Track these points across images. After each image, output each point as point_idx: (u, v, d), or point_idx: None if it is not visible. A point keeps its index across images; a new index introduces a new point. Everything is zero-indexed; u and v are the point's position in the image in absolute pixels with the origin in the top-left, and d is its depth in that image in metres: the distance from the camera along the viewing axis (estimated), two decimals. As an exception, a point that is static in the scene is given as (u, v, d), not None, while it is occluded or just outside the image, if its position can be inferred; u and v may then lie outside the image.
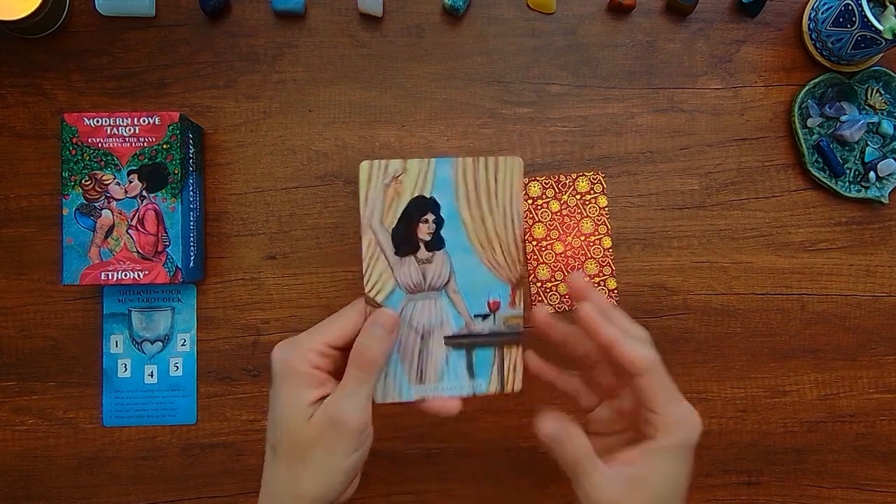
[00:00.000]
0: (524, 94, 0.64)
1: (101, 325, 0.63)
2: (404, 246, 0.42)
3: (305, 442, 0.41)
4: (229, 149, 0.64)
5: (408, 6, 0.64)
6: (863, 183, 0.65)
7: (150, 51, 0.63)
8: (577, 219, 0.64)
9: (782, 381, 0.65)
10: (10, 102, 0.63)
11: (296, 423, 0.41)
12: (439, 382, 0.44)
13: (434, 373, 0.44)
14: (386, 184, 0.41)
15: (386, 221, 0.41)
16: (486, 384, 0.46)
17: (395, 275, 0.42)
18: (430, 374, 0.44)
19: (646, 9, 0.65)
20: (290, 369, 0.41)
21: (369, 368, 0.41)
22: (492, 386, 0.46)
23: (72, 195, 0.57)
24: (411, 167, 0.41)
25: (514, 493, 0.64)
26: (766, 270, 0.65)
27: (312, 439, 0.40)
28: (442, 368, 0.44)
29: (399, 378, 0.44)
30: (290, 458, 0.41)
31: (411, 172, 0.41)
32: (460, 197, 0.42)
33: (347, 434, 0.40)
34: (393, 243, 0.42)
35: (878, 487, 0.65)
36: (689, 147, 0.65)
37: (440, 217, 0.42)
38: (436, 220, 0.42)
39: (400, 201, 0.41)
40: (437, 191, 0.41)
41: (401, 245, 0.42)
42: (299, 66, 0.64)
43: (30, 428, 0.63)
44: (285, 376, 0.42)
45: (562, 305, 0.64)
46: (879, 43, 0.58)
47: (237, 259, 0.63)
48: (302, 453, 0.41)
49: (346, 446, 0.41)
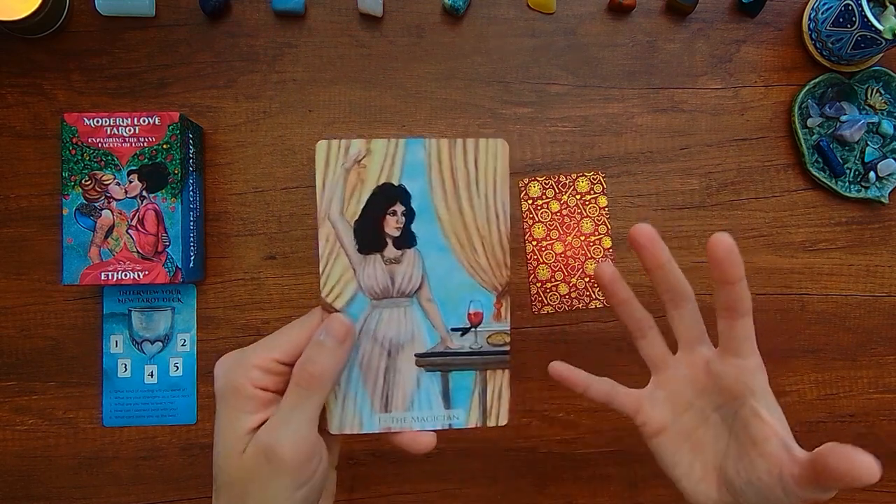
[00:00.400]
0: (524, 94, 0.64)
1: (101, 325, 0.63)
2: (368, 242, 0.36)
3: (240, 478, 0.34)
4: (229, 149, 0.64)
5: (408, 6, 0.64)
6: (863, 183, 0.65)
7: (150, 51, 0.63)
8: (577, 219, 0.64)
9: (782, 381, 0.65)
10: (10, 102, 0.63)
11: (230, 456, 0.35)
12: (408, 411, 0.37)
13: (402, 399, 0.37)
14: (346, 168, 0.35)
15: (347, 212, 0.35)
16: (465, 415, 0.39)
17: (357, 276, 0.36)
18: (397, 401, 0.37)
19: (646, 9, 0.65)
20: (232, 388, 0.35)
21: (312, 386, 0.34)
22: (471, 418, 0.39)
23: (72, 195, 0.57)
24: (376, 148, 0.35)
25: (514, 493, 0.64)
26: (766, 270, 0.65)
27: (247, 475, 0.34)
28: (412, 394, 0.37)
29: (360, 404, 0.37)
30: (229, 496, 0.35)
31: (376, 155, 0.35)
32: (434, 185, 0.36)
33: (285, 468, 0.33)
34: (355, 238, 0.36)
35: (878, 487, 0.65)
36: (689, 147, 0.65)
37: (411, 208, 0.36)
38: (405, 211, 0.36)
39: (363, 189, 0.35)
40: (408, 177, 0.35)
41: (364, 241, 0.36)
42: (299, 66, 0.64)
43: (30, 428, 0.63)
44: (226, 397, 0.36)
45: (562, 305, 0.64)
46: (879, 43, 0.58)
47: (237, 259, 0.63)
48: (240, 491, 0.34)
49: (286, 482, 0.34)
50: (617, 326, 0.64)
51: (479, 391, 0.38)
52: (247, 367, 0.35)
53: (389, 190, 0.36)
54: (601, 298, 0.64)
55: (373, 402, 0.37)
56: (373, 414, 0.37)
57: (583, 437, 0.64)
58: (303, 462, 0.34)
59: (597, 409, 0.64)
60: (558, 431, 0.64)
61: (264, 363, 0.36)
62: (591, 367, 0.64)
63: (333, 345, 0.35)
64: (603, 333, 0.64)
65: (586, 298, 0.64)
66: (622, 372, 0.64)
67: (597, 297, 0.64)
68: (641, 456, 0.64)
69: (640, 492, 0.64)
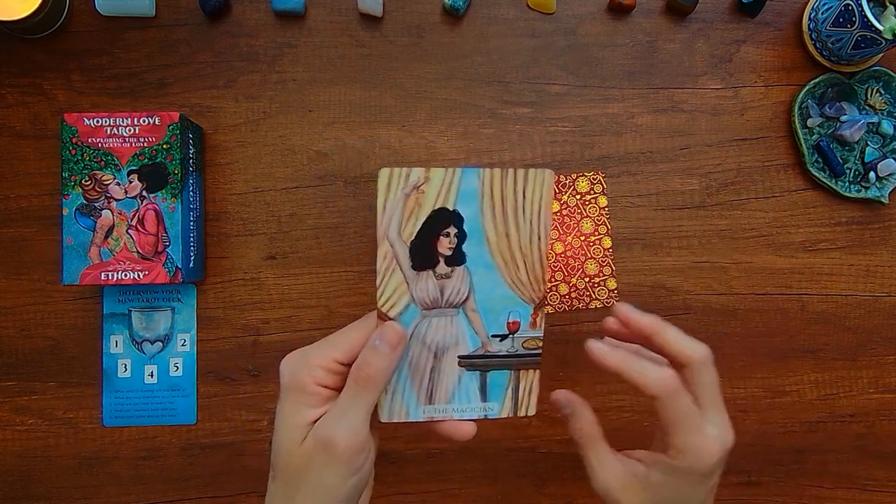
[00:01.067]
0: (524, 94, 0.64)
1: (101, 325, 0.63)
2: (423, 260, 0.39)
3: (297, 465, 0.38)
4: (229, 149, 0.64)
5: (408, 6, 0.64)
6: (863, 183, 0.65)
7: (150, 51, 0.63)
8: (577, 219, 0.64)
9: (782, 381, 0.65)
10: (10, 102, 0.63)
11: (290, 445, 0.39)
12: (449, 404, 0.42)
13: (445, 393, 0.42)
14: (406, 193, 0.38)
15: (404, 233, 0.39)
16: (499, 408, 0.44)
17: (410, 289, 0.40)
18: (440, 395, 0.42)
19: (646, 9, 0.65)
20: (296, 385, 0.39)
21: (367, 385, 0.38)
22: (504, 410, 0.44)
23: (72, 195, 0.57)
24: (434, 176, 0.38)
25: (514, 493, 0.64)
26: (766, 270, 0.65)
27: (304, 463, 0.38)
28: (453, 389, 0.42)
29: (407, 397, 0.41)
30: (285, 481, 0.39)
31: (434, 182, 0.38)
32: (485, 210, 0.39)
33: (339, 457, 0.37)
34: (410, 257, 0.39)
35: (878, 487, 0.65)
36: (689, 147, 0.65)
37: (463, 231, 0.39)
38: (458, 234, 0.39)
39: (420, 212, 0.39)
40: (462, 203, 0.39)
41: (419, 259, 0.39)
42: (299, 66, 0.64)
43: (30, 428, 0.63)
44: (290, 391, 0.39)
45: (562, 305, 0.64)
46: (879, 43, 0.58)
47: (237, 259, 0.63)
48: (296, 477, 0.38)
49: (340, 470, 0.38)
50: (617, 326, 0.64)
51: (512, 387, 0.42)
52: (310, 365, 0.39)
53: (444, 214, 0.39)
54: (601, 298, 0.64)
55: (419, 396, 0.41)
56: (418, 405, 0.42)
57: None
58: (356, 453, 0.38)
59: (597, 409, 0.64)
60: (558, 431, 0.64)
61: (326, 363, 0.39)
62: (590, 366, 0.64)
63: (387, 350, 0.39)
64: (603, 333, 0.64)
65: (586, 298, 0.64)
66: (622, 372, 0.64)
67: (596, 298, 0.64)
68: (641, 456, 0.64)
69: (640, 492, 0.64)
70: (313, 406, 0.39)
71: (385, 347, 0.39)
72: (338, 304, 0.63)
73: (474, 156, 0.64)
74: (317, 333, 0.63)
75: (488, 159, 0.64)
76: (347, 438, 0.37)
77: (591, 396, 0.64)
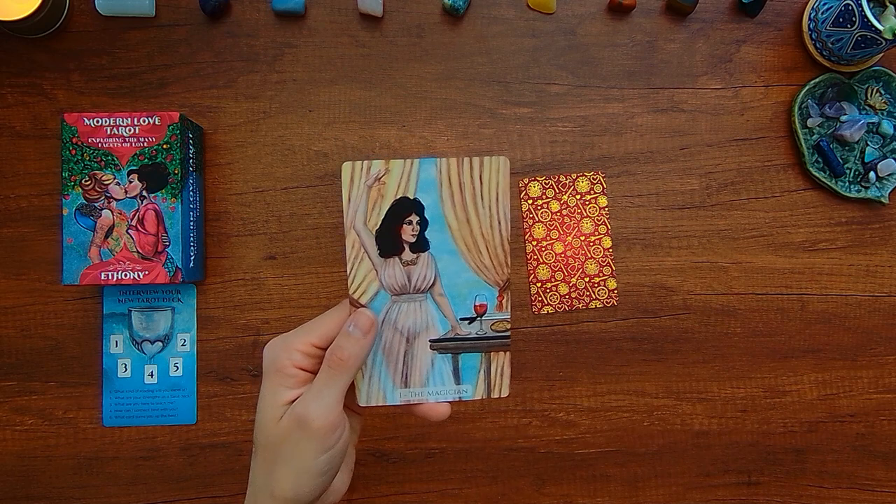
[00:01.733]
0: (524, 94, 0.64)
1: (101, 325, 0.63)
2: (388, 247, 0.42)
3: (275, 440, 0.41)
4: (229, 149, 0.64)
5: (408, 6, 0.64)
6: (863, 183, 0.65)
7: (150, 51, 0.63)
8: (577, 219, 0.64)
9: (782, 381, 0.65)
10: (10, 102, 0.63)
11: (270, 422, 0.42)
12: (424, 387, 0.44)
13: (419, 377, 0.44)
14: (368, 185, 0.41)
15: (369, 223, 0.41)
16: (473, 389, 0.45)
17: (379, 276, 0.42)
18: (415, 378, 0.44)
19: (646, 9, 0.65)
20: (276, 367, 0.42)
21: (341, 369, 0.41)
22: (478, 391, 0.45)
23: (72, 195, 0.57)
24: (394, 168, 0.41)
25: (514, 493, 0.64)
26: (766, 270, 0.65)
27: (281, 438, 0.41)
28: (427, 372, 0.44)
29: (384, 381, 0.43)
30: (265, 455, 0.42)
31: (394, 173, 0.41)
32: (445, 198, 0.41)
33: (313, 434, 0.40)
34: (377, 244, 0.41)
35: (878, 487, 0.65)
36: (689, 147, 0.65)
37: (424, 218, 0.41)
38: (420, 221, 0.42)
39: (383, 202, 0.41)
40: (422, 192, 0.41)
41: (385, 246, 0.42)
42: (299, 66, 0.64)
43: (30, 428, 0.63)
44: (270, 373, 0.42)
45: (562, 305, 0.64)
46: (879, 43, 0.58)
47: (237, 259, 0.63)
48: (274, 452, 0.41)
49: (314, 446, 0.41)
50: (617, 326, 0.64)
51: (484, 369, 0.44)
52: (290, 350, 0.42)
53: (406, 203, 0.41)
54: (601, 298, 0.64)
55: (394, 380, 0.43)
56: (394, 389, 0.43)
57: (582, 436, 0.64)
58: (329, 431, 0.40)
59: (597, 408, 0.64)
60: (558, 431, 0.64)
61: (304, 347, 0.42)
62: (590, 366, 0.65)
63: (359, 335, 0.41)
64: (603, 333, 0.64)
65: (586, 298, 0.64)
66: (621, 372, 0.65)
67: (597, 298, 0.64)
68: (641, 456, 0.64)
69: (640, 492, 0.64)
70: (291, 387, 0.42)
71: (357, 333, 0.41)
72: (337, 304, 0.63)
73: (474, 156, 0.64)
74: (317, 333, 0.63)
75: (488, 159, 0.64)
76: (321, 417, 0.40)
77: (590, 396, 0.64)
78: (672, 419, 0.64)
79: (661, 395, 0.64)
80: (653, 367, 0.64)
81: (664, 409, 0.64)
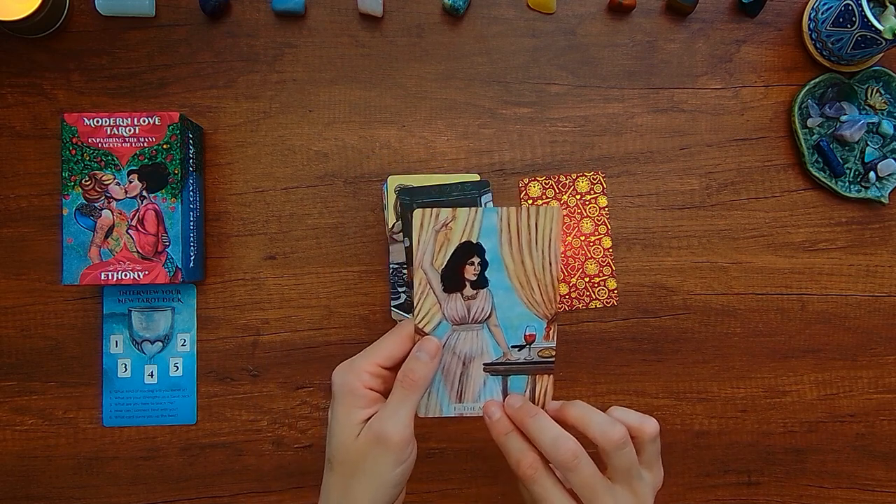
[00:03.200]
0: (524, 94, 0.64)
1: (101, 325, 0.63)
2: (452, 284, 0.46)
3: (355, 457, 0.44)
4: (229, 149, 0.64)
5: (408, 6, 0.64)
6: (863, 183, 0.65)
7: (150, 51, 0.63)
8: (577, 219, 0.64)
9: (782, 381, 0.65)
10: (10, 102, 0.63)
11: (347, 440, 0.45)
12: (476, 402, 0.49)
13: (472, 394, 0.48)
14: (436, 230, 0.45)
15: (436, 263, 0.46)
16: None
17: (442, 309, 0.47)
18: (468, 395, 0.49)
19: (646, 9, 0.65)
20: (348, 389, 0.45)
21: (413, 389, 0.45)
22: None
23: (72, 195, 0.57)
24: (460, 215, 0.45)
25: (515, 493, 0.64)
26: (766, 270, 0.65)
27: (361, 454, 0.44)
28: (479, 390, 0.48)
29: (441, 396, 0.48)
30: (343, 471, 0.45)
31: (460, 220, 0.45)
32: (503, 242, 0.46)
33: (391, 449, 0.44)
34: (441, 282, 0.46)
35: (878, 487, 0.65)
36: (689, 147, 0.65)
37: (485, 260, 0.46)
38: (481, 262, 0.46)
39: (449, 245, 0.45)
40: (483, 237, 0.45)
41: (449, 283, 0.46)
42: (299, 66, 0.64)
43: (30, 428, 0.63)
44: (342, 395, 0.45)
45: (562, 305, 0.64)
46: (879, 43, 0.58)
47: (237, 259, 0.63)
48: (353, 467, 0.45)
49: (392, 460, 0.44)
50: (617, 326, 0.64)
51: (529, 389, 0.49)
52: (359, 372, 0.45)
53: (469, 246, 0.46)
54: (601, 298, 0.64)
55: (450, 396, 0.48)
56: (450, 404, 0.49)
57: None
58: (404, 445, 0.44)
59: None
60: (558, 431, 0.64)
61: (371, 368, 0.46)
62: (590, 366, 0.65)
63: (427, 359, 0.46)
64: (603, 333, 0.64)
65: (586, 298, 0.64)
66: (621, 372, 0.65)
67: (597, 298, 0.64)
68: (641, 456, 0.64)
69: (640, 492, 0.64)
70: (363, 407, 0.45)
71: (426, 357, 0.46)
72: (338, 304, 0.63)
73: (474, 156, 0.64)
74: (316, 333, 0.63)
75: (488, 159, 0.64)
76: (398, 433, 0.44)
77: (590, 396, 0.64)
78: (672, 419, 0.64)
79: (660, 395, 0.64)
80: (653, 367, 0.64)
81: (664, 409, 0.64)
